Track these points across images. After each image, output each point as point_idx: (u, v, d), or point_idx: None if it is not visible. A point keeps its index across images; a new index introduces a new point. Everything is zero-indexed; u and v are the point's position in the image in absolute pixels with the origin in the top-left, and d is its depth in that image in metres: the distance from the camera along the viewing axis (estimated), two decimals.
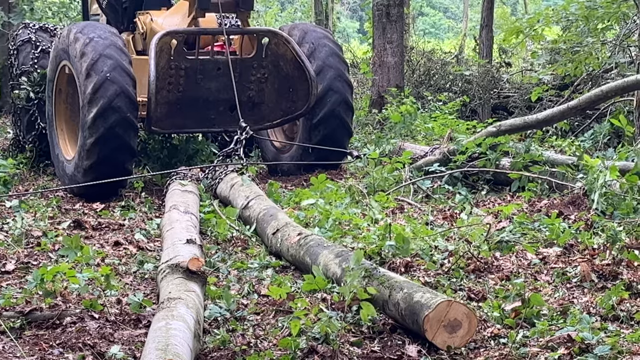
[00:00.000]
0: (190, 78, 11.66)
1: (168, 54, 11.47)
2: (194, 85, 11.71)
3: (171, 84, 11.63)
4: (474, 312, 5.67)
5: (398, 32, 16.35)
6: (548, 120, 11.39)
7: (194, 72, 11.66)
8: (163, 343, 4.68)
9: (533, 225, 8.31)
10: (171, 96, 11.68)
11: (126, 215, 9.75)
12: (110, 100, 10.74)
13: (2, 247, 8.06)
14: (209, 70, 11.71)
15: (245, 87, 11.94)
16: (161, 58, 11.36)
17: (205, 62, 11.69)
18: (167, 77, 11.56)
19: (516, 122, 11.32)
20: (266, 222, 8.45)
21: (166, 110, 11.66)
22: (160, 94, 11.40)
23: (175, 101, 11.74)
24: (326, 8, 33.88)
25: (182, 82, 11.66)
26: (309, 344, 5.57)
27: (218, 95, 11.82)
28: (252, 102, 12.05)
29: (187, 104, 11.78)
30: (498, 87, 17.93)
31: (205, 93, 11.78)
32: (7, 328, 5.83)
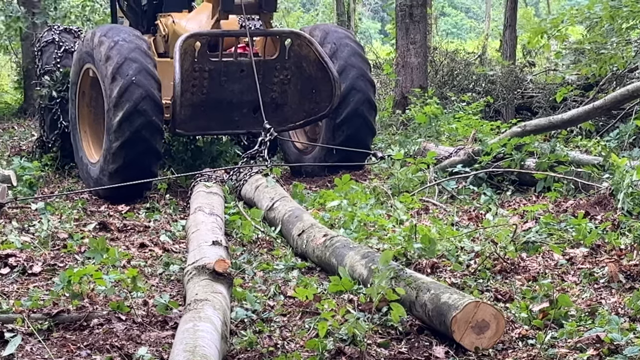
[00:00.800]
0: (214, 80, 11.68)
1: (192, 56, 11.47)
2: (217, 88, 11.72)
3: (195, 86, 11.66)
4: (502, 313, 5.64)
5: (421, 33, 16.32)
6: (573, 120, 11.35)
7: (217, 74, 11.67)
8: (191, 345, 4.68)
9: (559, 226, 8.26)
10: (195, 98, 11.70)
11: (151, 217, 9.77)
12: (136, 104, 10.77)
13: (29, 249, 8.09)
14: (232, 72, 11.73)
15: (269, 89, 11.95)
16: (185, 60, 11.37)
17: (228, 64, 11.71)
18: (191, 79, 11.58)
19: (541, 122, 11.29)
20: (291, 223, 8.44)
21: (190, 113, 11.67)
22: (184, 97, 11.40)
23: (199, 103, 11.75)
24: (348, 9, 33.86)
25: (205, 85, 11.68)
26: (336, 345, 5.56)
27: (241, 97, 11.86)
28: (275, 103, 12.09)
29: (210, 106, 11.80)
30: (522, 87, 17.86)
31: (229, 95, 11.79)
32: (35, 330, 5.85)
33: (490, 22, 45.14)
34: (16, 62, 26.79)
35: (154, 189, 11.22)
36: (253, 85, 11.49)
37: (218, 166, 12.08)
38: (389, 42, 31.62)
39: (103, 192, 10.97)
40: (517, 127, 11.23)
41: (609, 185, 9.03)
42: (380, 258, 6.19)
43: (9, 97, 26.19)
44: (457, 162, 10.90)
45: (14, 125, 20.33)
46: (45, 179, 12.18)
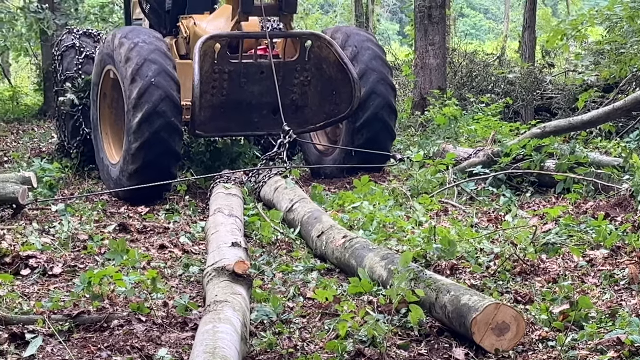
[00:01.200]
0: (234, 82, 11.70)
1: (212, 58, 11.51)
2: (237, 89, 11.74)
3: (215, 88, 11.68)
4: (522, 315, 5.63)
5: (440, 34, 16.31)
6: (593, 122, 11.33)
7: (237, 76, 11.69)
8: (211, 346, 4.69)
9: (579, 228, 8.23)
10: (215, 100, 11.72)
11: (171, 218, 9.80)
12: (156, 105, 10.82)
13: (50, 251, 8.13)
14: (252, 74, 11.73)
15: (289, 91, 11.95)
16: (205, 62, 11.40)
17: (248, 66, 11.72)
18: (211, 81, 11.59)
19: (561, 124, 11.26)
20: (311, 225, 8.45)
21: (210, 114, 11.69)
22: (204, 98, 11.44)
23: (219, 105, 11.77)
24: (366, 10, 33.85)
25: (225, 86, 11.71)
26: (356, 347, 5.56)
27: (261, 98, 11.84)
28: (296, 105, 12.10)
29: (230, 107, 11.81)
30: (541, 89, 17.81)
31: (249, 97, 11.80)
32: (56, 331, 5.87)
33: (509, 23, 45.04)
34: (36, 64, 26.92)
35: (174, 190, 11.25)
36: (273, 87, 11.54)
37: (237, 168, 12.11)
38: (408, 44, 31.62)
39: (123, 194, 11.01)
40: (536, 128, 11.22)
41: (629, 187, 9.00)
42: (399, 260, 6.19)
43: (29, 100, 26.32)
44: (477, 163, 10.88)
45: (34, 127, 20.42)
46: (65, 180, 12.23)
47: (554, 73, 19.20)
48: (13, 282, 7.18)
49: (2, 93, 27.11)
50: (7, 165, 14.12)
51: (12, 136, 18.72)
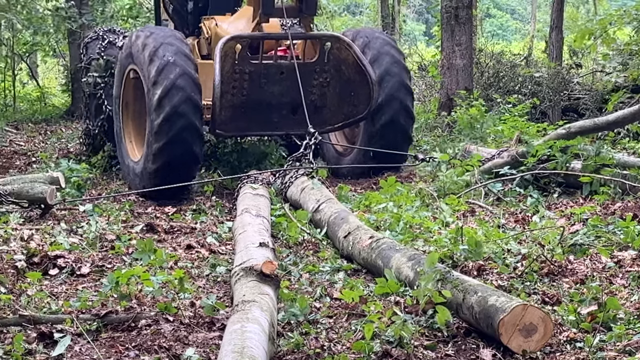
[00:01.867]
0: (254, 82, 11.87)
1: (232, 58, 11.68)
2: (257, 89, 11.91)
3: (235, 88, 11.84)
4: (550, 316, 5.61)
5: (467, 35, 16.27)
6: (619, 122, 11.25)
7: (257, 76, 11.86)
8: (239, 346, 4.69)
9: (607, 228, 8.19)
10: (235, 100, 11.89)
11: (197, 218, 9.82)
12: (177, 107, 10.96)
13: (77, 251, 8.16)
14: (272, 75, 11.91)
15: (308, 91, 12.04)
16: (226, 63, 11.57)
17: (268, 67, 11.88)
18: (231, 81, 11.76)
19: (586, 124, 11.19)
20: (337, 225, 8.45)
21: (230, 114, 11.89)
22: (224, 98, 11.63)
23: (240, 105, 11.95)
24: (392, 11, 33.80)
25: (246, 86, 11.87)
26: (383, 347, 5.56)
27: (281, 98, 12.03)
28: (315, 105, 12.22)
29: (250, 107, 11.99)
30: (568, 89, 17.74)
31: (269, 97, 11.97)
32: (84, 330, 5.90)
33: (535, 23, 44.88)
34: (63, 65, 27.06)
35: (200, 191, 11.30)
36: (292, 87, 11.72)
37: (263, 168, 12.18)
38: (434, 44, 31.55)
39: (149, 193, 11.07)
40: (561, 129, 11.15)
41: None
42: (426, 260, 6.18)
43: (57, 100, 26.46)
44: (501, 164, 10.83)
45: (61, 127, 20.53)
46: (92, 180, 12.29)
47: (581, 73, 19.10)
48: (41, 282, 7.23)
49: (30, 93, 27.29)
50: (34, 165, 14.20)
51: (40, 136, 18.83)
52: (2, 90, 24.96)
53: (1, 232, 8.53)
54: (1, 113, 23.07)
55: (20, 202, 9.65)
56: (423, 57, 23.46)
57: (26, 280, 7.18)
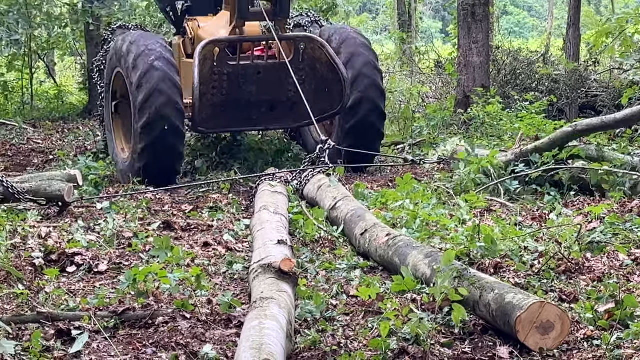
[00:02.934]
0: (232, 82, 12.58)
1: (211, 60, 12.38)
2: (236, 89, 12.61)
3: (215, 88, 12.53)
4: (567, 313, 5.60)
5: (484, 32, 16.23)
6: (627, 120, 10.96)
7: (236, 76, 12.56)
8: (257, 342, 4.70)
9: (625, 226, 8.17)
10: (215, 99, 12.58)
11: (214, 216, 9.84)
12: (159, 110, 11.69)
13: (95, 248, 8.19)
14: (249, 75, 12.60)
15: (285, 89, 12.74)
16: (205, 65, 12.26)
17: (246, 67, 12.58)
18: (211, 82, 12.45)
19: (593, 122, 10.99)
20: (354, 222, 8.46)
21: (211, 112, 12.54)
22: (205, 98, 12.35)
23: (220, 104, 12.63)
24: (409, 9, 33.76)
25: (225, 86, 12.56)
26: (400, 344, 5.56)
27: (259, 96, 12.72)
28: (292, 102, 12.83)
29: (230, 105, 12.67)
30: (586, 87, 17.67)
31: (247, 95, 12.65)
32: (102, 327, 5.93)
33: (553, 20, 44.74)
34: (81, 63, 27.14)
35: (217, 189, 11.36)
36: (270, 85, 12.59)
37: (279, 166, 12.34)
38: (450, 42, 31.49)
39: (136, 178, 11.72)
40: (568, 126, 11.00)
41: None
42: (442, 258, 6.18)
43: (74, 98, 26.52)
44: (505, 162, 10.77)
45: (78, 125, 20.58)
46: (110, 178, 12.33)
47: (599, 71, 19.03)
48: (59, 279, 7.27)
49: (48, 91, 27.35)
50: (52, 163, 14.26)
51: (57, 134, 18.88)
52: (20, 88, 25.04)
53: (19, 230, 8.58)
54: (19, 111, 23.15)
55: (38, 200, 9.70)
56: (440, 54, 23.41)
57: (44, 277, 7.22)
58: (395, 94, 17.38)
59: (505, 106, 15.70)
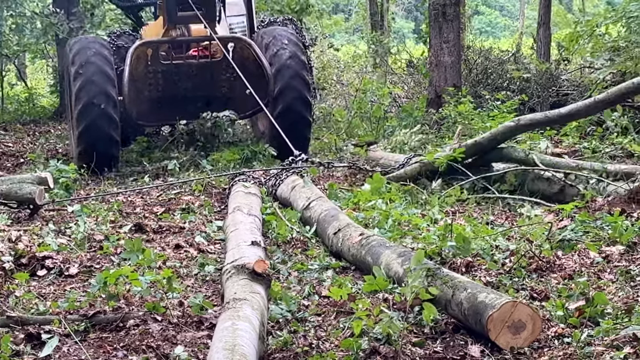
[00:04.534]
0: (167, 80, 13.94)
1: (145, 60, 13.82)
2: (172, 85, 13.93)
3: (151, 85, 13.95)
4: (539, 313, 5.62)
5: (455, 32, 16.26)
6: (573, 115, 10.76)
7: (170, 74, 13.93)
8: (230, 343, 4.69)
9: (595, 224, 8.20)
10: (152, 95, 13.98)
11: (186, 218, 9.81)
12: (92, 98, 13.05)
13: (66, 251, 8.15)
14: (183, 73, 13.93)
15: (219, 85, 14.12)
16: (139, 64, 13.67)
17: (179, 66, 13.94)
18: (147, 79, 13.92)
19: (537, 117, 10.88)
20: (327, 222, 8.46)
21: (149, 107, 13.92)
22: (142, 94, 13.81)
23: (157, 99, 14.00)
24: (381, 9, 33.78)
25: (160, 83, 13.97)
26: (371, 344, 5.56)
27: (195, 92, 13.99)
28: (226, 97, 14.19)
29: (167, 101, 13.94)
30: (556, 85, 17.74)
31: (183, 92, 13.87)
32: (72, 331, 5.89)
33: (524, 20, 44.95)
34: (52, 66, 26.99)
35: (189, 190, 11.35)
36: (204, 82, 13.86)
37: (252, 167, 12.35)
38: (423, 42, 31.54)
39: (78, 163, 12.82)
40: (511, 121, 10.87)
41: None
42: (413, 257, 6.17)
43: (45, 101, 26.40)
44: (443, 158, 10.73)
45: (49, 128, 20.48)
46: (81, 181, 12.27)
47: (569, 69, 19.11)
48: (29, 283, 7.22)
49: (18, 94, 27.21)
50: (23, 166, 14.17)
51: (28, 137, 18.79)
52: None
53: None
54: None
55: (9, 203, 9.64)
56: (412, 54, 23.45)
57: (14, 281, 7.18)
58: (368, 93, 17.36)
59: (477, 105, 15.74)
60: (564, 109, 10.79)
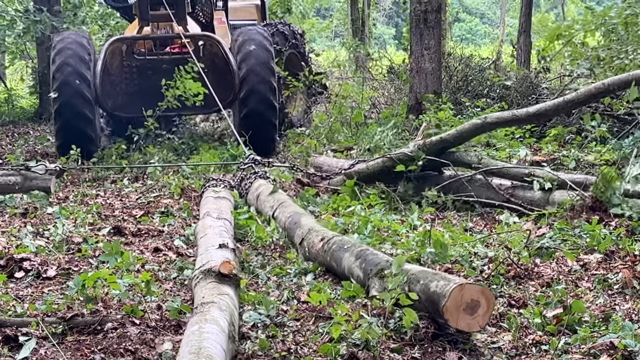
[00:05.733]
0: (142, 74, 15.11)
1: (120, 56, 15.10)
2: (146, 79, 14.95)
3: (127, 79, 15.18)
4: (487, 287, 5.68)
5: (435, 38, 16.31)
6: (540, 114, 10.45)
7: (144, 69, 15.06)
8: (196, 346, 4.71)
9: (573, 232, 8.24)
10: (129, 88, 15.14)
11: (165, 221, 9.80)
12: (66, 78, 14.21)
13: (44, 254, 8.12)
14: (156, 67, 14.92)
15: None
16: (114, 59, 14.91)
17: (152, 61, 15.04)
18: (122, 73, 15.15)
19: (504, 115, 10.60)
20: (292, 230, 8.46)
21: (126, 99, 15.00)
22: (119, 87, 15.00)
23: (133, 92, 15.08)
24: (362, 15, 33.84)
25: (135, 77, 15.15)
26: (350, 350, 5.56)
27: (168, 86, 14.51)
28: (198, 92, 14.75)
29: (143, 93, 14.87)
30: (536, 93, 17.81)
31: (156, 84, 14.50)
32: (49, 333, 5.86)
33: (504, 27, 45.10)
34: (32, 66, 26.89)
35: (169, 194, 11.34)
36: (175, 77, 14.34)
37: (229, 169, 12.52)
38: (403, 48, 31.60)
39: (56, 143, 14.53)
40: (477, 119, 10.68)
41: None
42: (394, 261, 6.16)
43: (25, 102, 26.29)
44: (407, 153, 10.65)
45: (29, 130, 20.42)
46: (59, 184, 12.23)
47: (549, 78, 19.19)
48: (7, 285, 7.19)
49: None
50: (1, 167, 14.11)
51: (7, 138, 18.71)
52: None
53: None
54: None
55: None
56: (393, 60, 23.50)
57: None
58: (347, 99, 17.39)
59: (457, 112, 15.78)
60: (531, 108, 10.48)
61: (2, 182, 11.10)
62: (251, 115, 14.67)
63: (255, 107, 14.70)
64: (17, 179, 11.10)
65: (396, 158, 10.63)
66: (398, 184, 10.66)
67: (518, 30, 20.45)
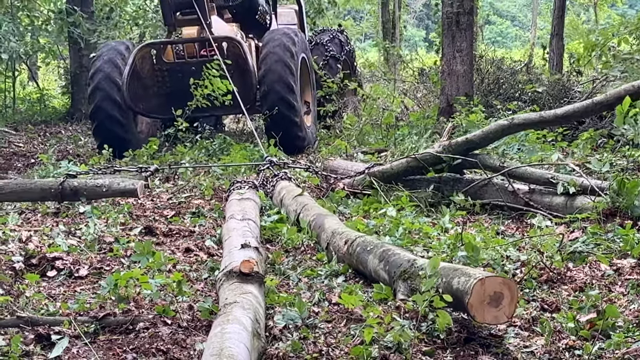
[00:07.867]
0: (172, 77, 15.52)
1: (151, 60, 15.56)
2: (178, 82, 15.34)
3: (160, 82, 15.62)
4: (507, 277, 5.68)
5: (467, 41, 16.25)
6: (568, 116, 10.31)
7: (175, 72, 15.46)
8: (217, 348, 4.70)
9: (607, 236, 8.17)
10: (162, 91, 15.61)
11: (196, 222, 9.81)
12: (98, 84, 15.11)
13: (76, 253, 8.15)
14: (186, 70, 15.23)
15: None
16: (144, 64, 15.45)
17: (181, 64, 15.41)
18: (154, 77, 15.62)
19: (531, 117, 10.44)
20: (319, 236, 8.49)
21: (161, 101, 15.47)
22: (152, 89, 15.55)
23: (167, 94, 15.52)
24: (393, 17, 33.80)
25: (168, 80, 15.59)
26: (381, 352, 5.54)
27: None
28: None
29: (175, 95, 15.32)
30: (569, 96, 17.71)
31: (187, 87, 14.83)
32: (82, 332, 5.89)
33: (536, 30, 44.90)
34: (64, 67, 27.04)
35: (200, 194, 11.37)
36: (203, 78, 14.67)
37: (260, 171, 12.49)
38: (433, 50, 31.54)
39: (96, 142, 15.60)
40: (504, 120, 10.58)
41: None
42: (428, 264, 6.13)
43: (57, 102, 26.44)
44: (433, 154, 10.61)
45: (60, 129, 20.53)
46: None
47: (582, 81, 19.08)
48: (39, 283, 7.22)
49: (30, 95, 27.26)
50: (34, 167, 14.20)
51: (39, 138, 18.83)
52: (1, 91, 24.93)
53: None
54: (0, 114, 23.06)
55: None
56: (424, 62, 23.45)
57: (24, 281, 7.18)
58: (379, 101, 17.37)
59: (488, 115, 15.72)
60: (559, 110, 10.36)
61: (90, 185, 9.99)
62: (271, 115, 15.06)
63: (272, 106, 15.07)
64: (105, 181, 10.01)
65: (421, 158, 10.59)
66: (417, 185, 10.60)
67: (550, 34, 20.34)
